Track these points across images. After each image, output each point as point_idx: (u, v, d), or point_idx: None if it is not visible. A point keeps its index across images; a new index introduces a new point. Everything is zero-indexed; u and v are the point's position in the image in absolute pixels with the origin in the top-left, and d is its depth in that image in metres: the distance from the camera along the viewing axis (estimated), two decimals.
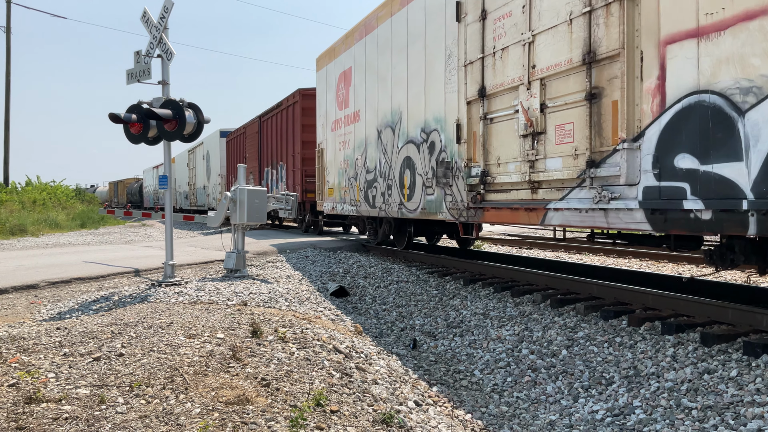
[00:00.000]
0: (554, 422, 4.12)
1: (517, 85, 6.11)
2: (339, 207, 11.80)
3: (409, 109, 8.74)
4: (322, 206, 12.99)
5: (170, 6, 7.77)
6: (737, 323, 4.62)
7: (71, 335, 4.49)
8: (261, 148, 19.85)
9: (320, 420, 3.29)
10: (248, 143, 21.59)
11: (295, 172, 15.95)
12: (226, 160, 25.30)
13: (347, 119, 11.35)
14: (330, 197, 12.34)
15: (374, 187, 10.01)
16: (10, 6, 29.05)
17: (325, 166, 12.75)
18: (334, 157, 12.05)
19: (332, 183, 12.19)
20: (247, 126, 21.90)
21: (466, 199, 7.05)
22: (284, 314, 5.83)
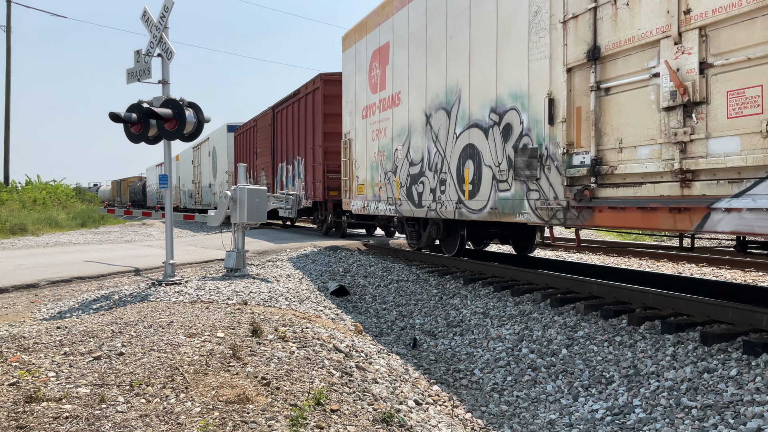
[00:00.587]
0: (554, 421, 4.12)
1: (657, 40, 4.64)
2: (372, 206, 10.29)
3: (472, 86, 7.24)
4: (349, 205, 11.43)
5: (170, 5, 7.77)
6: (737, 322, 4.62)
7: (71, 334, 4.50)
8: (274, 142, 18.10)
9: (320, 419, 3.30)
10: (260, 137, 19.91)
11: (316, 168, 14.35)
12: (235, 156, 23.81)
13: (383, 103, 9.81)
14: (359, 195, 10.85)
15: (421, 183, 8.54)
16: (10, 5, 29.04)
17: (353, 160, 11.21)
18: (366, 149, 10.53)
19: (363, 179, 10.67)
20: (258, 119, 20.14)
21: (562, 196, 5.58)
22: (284, 313, 5.83)
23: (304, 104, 15.16)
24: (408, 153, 8.96)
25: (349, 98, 11.38)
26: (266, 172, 19.19)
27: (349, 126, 11.41)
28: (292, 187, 16.15)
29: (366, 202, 10.58)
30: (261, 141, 19.66)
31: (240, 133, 22.97)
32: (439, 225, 9.18)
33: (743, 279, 7.56)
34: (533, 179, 6.06)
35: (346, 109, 11.59)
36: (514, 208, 6.44)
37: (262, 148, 19.63)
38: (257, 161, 20.16)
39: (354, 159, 11.19)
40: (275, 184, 18.18)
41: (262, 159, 19.61)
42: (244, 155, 22.11)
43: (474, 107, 7.23)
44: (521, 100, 6.32)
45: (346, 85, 11.58)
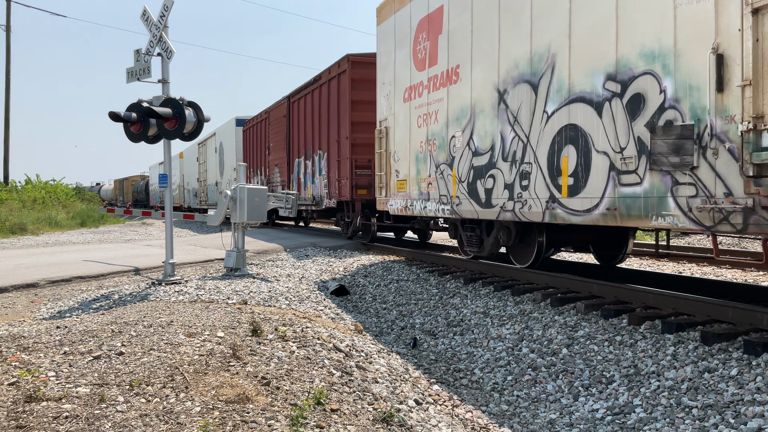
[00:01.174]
0: (554, 421, 4.12)
1: None
2: (417, 206, 8.63)
3: (574, 48, 5.67)
4: (385, 205, 9.74)
5: (170, 4, 7.76)
6: (737, 322, 4.62)
7: (71, 334, 4.49)
8: (290, 134, 16.14)
9: (320, 419, 3.29)
10: (272, 130, 17.94)
11: (341, 163, 12.47)
12: (244, 152, 22.01)
13: (434, 82, 8.17)
14: (400, 192, 9.16)
15: (490, 177, 6.91)
16: (10, 5, 29.04)
17: (391, 152, 9.51)
18: (409, 138, 8.89)
19: (404, 173, 9.04)
20: (270, 110, 18.06)
21: (742, 192, 4.11)
22: (284, 313, 5.83)
23: (326, 91, 13.33)
24: (471, 140, 7.28)
25: (387, 79, 9.66)
26: (280, 169, 17.16)
27: (386, 112, 9.66)
28: (312, 186, 14.43)
29: (409, 201, 8.89)
30: (274, 134, 17.73)
31: (250, 127, 21.08)
32: (509, 229, 7.49)
33: (744, 279, 7.55)
34: (685, 168, 4.51)
35: (382, 92, 9.86)
36: (649, 209, 4.85)
37: (275, 143, 17.66)
38: (270, 157, 18.35)
39: (392, 150, 9.45)
40: (291, 181, 16.27)
41: (275, 154, 17.65)
42: (255, 151, 20.25)
43: (577, 76, 5.62)
44: (662, 60, 4.72)
45: (383, 64, 9.80)
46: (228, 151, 23.52)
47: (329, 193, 13.24)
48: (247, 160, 21.23)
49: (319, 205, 14.02)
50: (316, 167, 14.15)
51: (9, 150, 29.35)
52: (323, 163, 13.67)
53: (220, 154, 24.75)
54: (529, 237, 7.42)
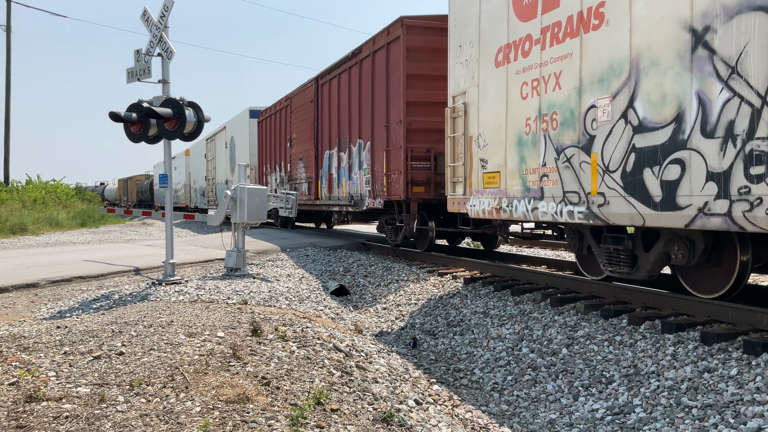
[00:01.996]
0: (554, 421, 4.12)
1: None
2: (519, 207, 6.42)
3: None
4: (463, 205, 7.54)
5: (170, 5, 7.77)
6: (737, 322, 4.62)
7: (72, 334, 4.50)
8: (319, 123, 13.68)
9: (320, 419, 3.30)
10: (295, 119, 15.39)
11: (392, 154, 9.96)
12: (259, 146, 19.58)
13: (553, 32, 5.96)
14: (489, 188, 6.94)
15: (674, 163, 4.64)
16: (10, 5, 29.04)
17: (472, 135, 7.30)
18: (506, 114, 6.62)
19: (496, 163, 6.80)
20: (292, 96, 15.57)
21: None
22: (284, 313, 5.83)
23: (369, 67, 10.89)
24: (630, 109, 5.05)
25: (466, 40, 7.51)
26: (306, 164, 14.58)
27: (465, 83, 7.44)
28: (348, 182, 11.91)
29: (504, 201, 6.63)
30: (298, 124, 15.23)
31: (266, 118, 18.56)
32: (691, 242, 5.13)
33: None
34: None
35: (458, 59, 7.71)
36: None
37: (299, 133, 15.14)
38: (292, 150, 15.85)
39: (475, 134, 7.20)
40: (319, 177, 13.77)
41: (299, 147, 15.14)
42: (273, 144, 17.78)
43: None
44: None
45: (460, 23, 7.65)
46: (240, 146, 21.38)
47: (373, 191, 10.71)
48: (263, 155, 19.08)
49: (359, 206, 11.47)
50: (354, 160, 11.59)
51: (9, 150, 29.36)
52: (364, 155, 11.10)
53: (231, 150, 22.67)
54: (723, 254, 5.14)
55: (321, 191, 13.72)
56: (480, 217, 7.21)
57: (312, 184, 14.26)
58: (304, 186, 14.87)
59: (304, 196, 14.78)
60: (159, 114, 7.49)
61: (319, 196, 13.88)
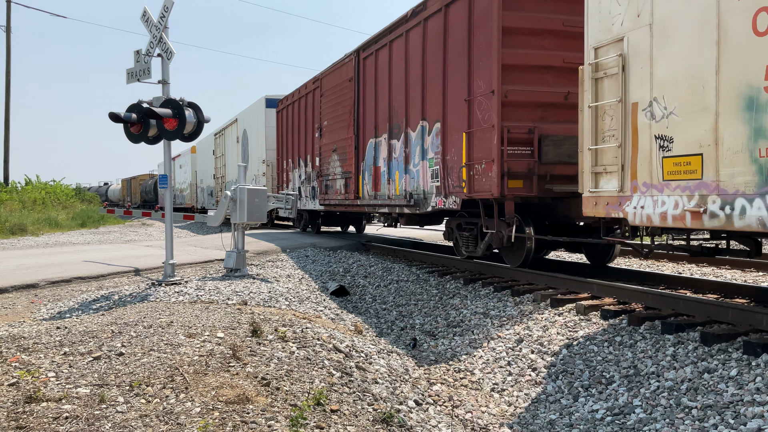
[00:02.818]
0: (554, 421, 4.12)
1: None
2: (751, 209, 4.08)
3: None
4: (618, 208, 5.24)
5: (170, 5, 7.77)
6: (737, 323, 4.62)
7: (71, 334, 4.49)
8: (360, 105, 11.05)
9: (320, 419, 3.29)
10: (327, 104, 12.83)
11: (477, 136, 7.45)
12: (278, 139, 17.06)
13: None
14: (677, 181, 4.66)
15: None
16: (10, 5, 29.06)
17: (639, 102, 5.05)
18: (716, 65, 4.34)
19: (692, 141, 4.55)
20: (322, 77, 13.12)
21: None
22: (284, 313, 5.83)
23: (438, 26, 8.38)
24: None
25: None
26: (342, 156, 11.98)
27: (623, 25, 5.18)
28: (405, 177, 9.42)
29: (712, 201, 4.37)
30: (330, 109, 12.74)
31: (286, 107, 16.12)
32: None
33: (743, 279, 7.55)
34: None
35: None
36: None
37: (332, 120, 12.63)
38: (322, 141, 13.22)
39: (648, 99, 4.96)
40: (361, 172, 11.18)
41: (332, 136, 12.59)
42: (296, 135, 15.35)
43: None
44: None
45: None
46: (254, 140, 19.14)
47: (444, 187, 8.19)
48: (282, 149, 16.70)
49: (420, 206, 8.93)
50: (414, 148, 9.12)
51: (9, 151, 29.38)
52: (430, 141, 8.60)
53: (244, 144, 20.56)
54: None
55: (363, 189, 11.09)
56: (655, 225, 4.95)
57: (350, 181, 11.53)
58: (339, 183, 12.24)
59: (339, 195, 12.14)
60: (159, 114, 7.49)
61: (359, 195, 11.20)
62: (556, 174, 7.10)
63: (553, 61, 7.14)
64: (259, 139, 18.56)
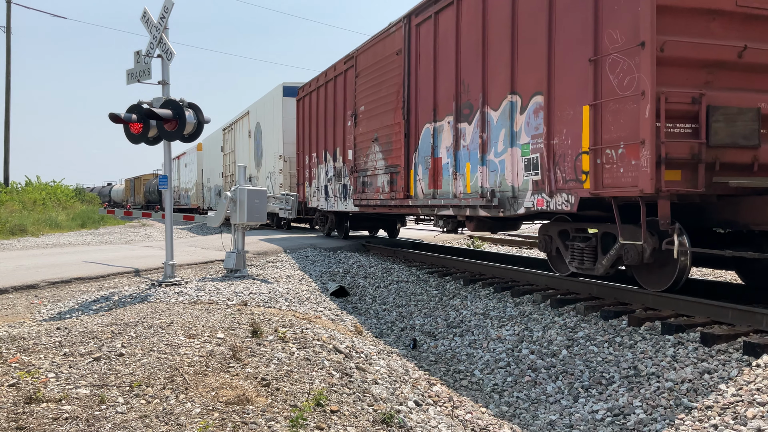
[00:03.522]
0: (554, 422, 4.12)
1: None
2: None
3: None
4: None
5: (170, 6, 7.77)
6: (737, 323, 4.62)
7: (71, 335, 4.49)
8: (412, 82, 8.98)
9: (320, 420, 3.29)
10: (364, 85, 10.60)
11: (609, 109, 5.31)
12: (298, 132, 14.89)
13: None
14: None
15: None
16: (10, 6, 29.08)
17: None
18: None
19: None
20: (359, 54, 10.79)
21: None
22: (284, 314, 5.83)
23: None
24: None
25: None
26: (386, 147, 9.81)
27: None
28: (480, 170, 7.23)
29: None
30: (369, 91, 10.49)
31: (309, 94, 14.00)
32: None
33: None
34: None
35: None
36: None
37: (372, 104, 10.41)
38: (358, 130, 10.95)
39: None
40: (413, 164, 8.99)
41: (372, 123, 10.38)
42: (321, 125, 13.15)
43: None
44: None
45: None
46: (270, 133, 17.23)
47: (549, 181, 6.06)
48: (304, 142, 14.53)
49: (508, 207, 6.77)
50: (495, 132, 6.93)
51: (9, 151, 29.38)
52: (526, 121, 6.41)
53: (257, 139, 18.73)
54: None
55: (415, 186, 8.88)
56: None
57: (398, 176, 9.39)
58: (381, 179, 10.02)
59: (382, 194, 9.89)
60: (159, 115, 7.49)
61: (411, 193, 8.97)
62: (726, 161, 5.05)
63: (723, 3, 5.16)
64: (274, 132, 16.66)
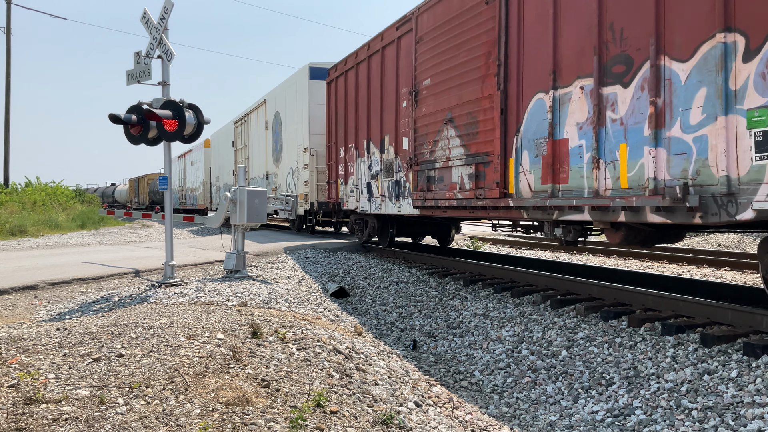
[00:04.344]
0: (554, 423, 4.12)
1: None
2: None
3: None
4: None
5: (170, 7, 7.77)
6: (737, 324, 4.62)
7: (71, 336, 4.49)
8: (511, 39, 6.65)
9: (320, 421, 3.29)
10: (432, 52, 8.31)
11: None
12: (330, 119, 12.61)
13: None
14: None
15: None
16: (10, 7, 29.09)
17: None
18: None
19: None
20: (420, 14, 8.63)
21: None
22: (284, 315, 5.83)
23: None
24: None
25: None
26: (468, 128, 7.46)
27: None
28: (657, 152, 4.65)
29: None
30: (438, 58, 8.19)
31: (344, 73, 11.66)
32: None
33: (743, 280, 7.55)
34: None
35: None
36: None
37: (442, 75, 8.09)
38: (421, 110, 8.63)
39: None
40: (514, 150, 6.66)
41: (444, 100, 8.04)
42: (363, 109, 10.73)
43: None
44: None
45: None
46: (292, 123, 15.14)
47: None
48: (337, 131, 12.23)
49: (712, 211, 4.31)
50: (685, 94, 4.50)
51: (9, 152, 29.38)
52: (759, 71, 3.96)
53: (275, 131, 16.69)
54: None
55: (517, 180, 6.55)
56: None
57: (489, 168, 7.01)
58: (458, 173, 7.65)
59: (460, 192, 7.54)
60: (159, 116, 7.49)
61: (510, 190, 6.67)
62: None
63: None
64: (298, 121, 14.60)
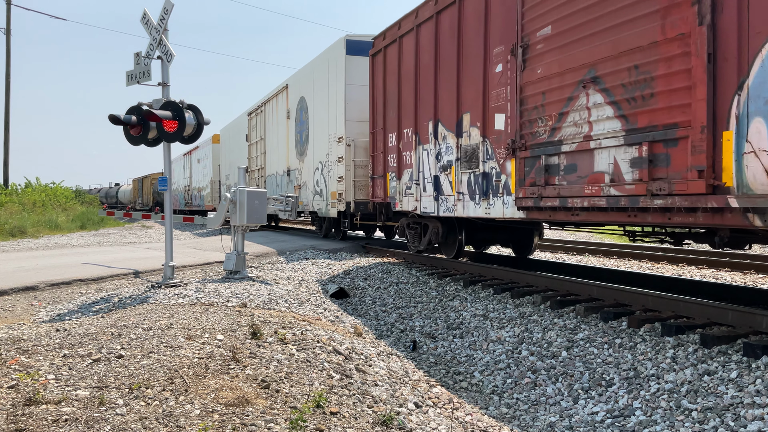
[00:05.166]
0: (554, 423, 4.12)
1: None
2: None
3: None
4: None
5: (170, 8, 7.78)
6: (737, 325, 4.62)
7: (71, 337, 4.49)
8: None
9: (320, 421, 3.29)
10: None
11: None
12: (375, 101, 10.40)
13: None
14: None
15: None
16: (10, 7, 29.09)
17: None
18: None
19: None
20: None
21: None
22: (284, 316, 5.83)
23: None
24: None
25: None
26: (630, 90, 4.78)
27: None
28: None
29: None
30: (546, 5, 5.74)
31: (399, 39, 9.37)
32: None
33: (743, 281, 7.55)
34: None
35: None
36: None
37: (573, 19, 5.38)
38: (532, 73, 6.00)
39: None
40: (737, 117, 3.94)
41: (575, 55, 5.35)
42: (430, 83, 8.47)
43: None
44: None
45: None
46: (323, 108, 13.07)
47: None
48: (386, 115, 10.01)
49: None
50: None
51: (9, 153, 29.38)
52: None
53: (300, 120, 14.63)
54: None
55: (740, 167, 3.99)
56: None
57: (677, 149, 4.46)
58: (607, 157, 5.14)
59: (612, 185, 5.06)
60: (158, 117, 7.49)
61: (727, 182, 4.09)
62: None
63: None
64: (331, 106, 12.50)
